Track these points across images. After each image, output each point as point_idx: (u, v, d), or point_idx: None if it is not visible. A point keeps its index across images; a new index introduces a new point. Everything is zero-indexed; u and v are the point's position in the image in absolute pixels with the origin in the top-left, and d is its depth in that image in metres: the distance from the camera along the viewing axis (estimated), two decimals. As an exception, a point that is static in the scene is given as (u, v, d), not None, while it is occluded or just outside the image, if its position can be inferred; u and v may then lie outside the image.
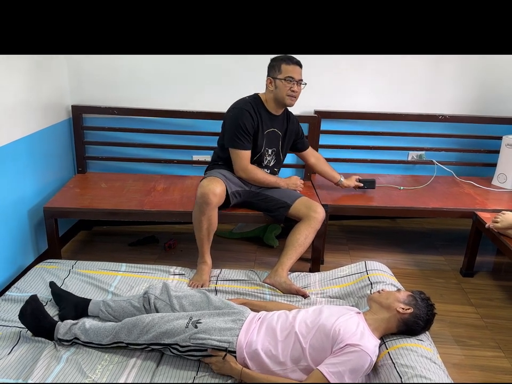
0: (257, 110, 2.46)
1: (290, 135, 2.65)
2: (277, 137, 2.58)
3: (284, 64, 2.37)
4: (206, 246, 2.38)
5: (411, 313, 1.70)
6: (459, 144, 3.36)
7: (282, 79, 2.38)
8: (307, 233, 2.40)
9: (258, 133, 2.48)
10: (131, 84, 3.08)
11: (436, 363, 1.63)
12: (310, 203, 2.49)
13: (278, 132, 2.57)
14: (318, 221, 2.43)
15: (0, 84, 2.31)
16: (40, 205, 2.64)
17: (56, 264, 2.32)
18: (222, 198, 2.35)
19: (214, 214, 2.32)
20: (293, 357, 1.63)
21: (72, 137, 3.12)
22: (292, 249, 2.37)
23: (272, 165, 2.63)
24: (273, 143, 2.57)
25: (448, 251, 3.13)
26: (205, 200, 2.26)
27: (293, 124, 2.65)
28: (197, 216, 2.32)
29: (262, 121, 2.48)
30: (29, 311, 1.80)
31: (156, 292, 1.92)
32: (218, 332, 1.69)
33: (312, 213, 2.42)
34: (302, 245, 2.39)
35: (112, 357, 1.73)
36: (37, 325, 1.80)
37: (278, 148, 2.61)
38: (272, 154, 2.60)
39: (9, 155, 2.40)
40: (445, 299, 2.56)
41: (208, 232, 2.35)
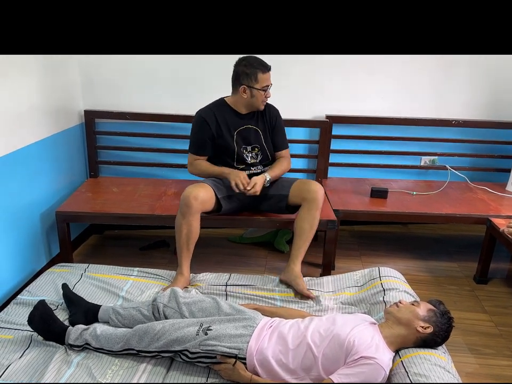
0: (218, 113, 2.43)
1: (271, 129, 2.56)
2: (255, 133, 2.50)
3: (260, 73, 2.31)
4: (185, 255, 2.31)
5: (430, 332, 1.66)
6: (472, 149, 3.32)
7: (260, 89, 2.34)
8: (310, 218, 2.35)
9: (223, 135, 2.43)
10: (143, 88, 3.09)
11: (450, 372, 1.60)
12: (303, 185, 2.42)
13: (254, 128, 2.50)
14: (317, 199, 2.35)
15: (14, 89, 2.33)
16: (53, 209, 2.66)
17: (69, 268, 2.33)
18: (205, 204, 2.30)
19: (195, 219, 2.27)
20: (304, 365, 1.61)
21: (85, 142, 3.14)
22: (299, 239, 2.35)
23: (259, 160, 2.55)
24: (252, 140, 2.50)
25: (461, 257, 3.09)
26: (185, 202, 2.23)
27: (270, 116, 2.55)
28: (178, 220, 2.30)
29: (227, 122, 2.44)
30: (37, 316, 1.81)
31: (164, 299, 1.89)
32: (228, 338, 1.67)
33: (307, 194, 2.36)
34: (308, 231, 2.35)
35: (123, 362, 1.73)
36: (47, 329, 1.80)
37: (262, 143, 2.53)
38: (255, 151, 2.52)
39: (22, 159, 2.42)
40: (459, 306, 2.53)
41: (187, 239, 2.29)
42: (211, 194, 2.35)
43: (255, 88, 2.34)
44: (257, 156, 2.53)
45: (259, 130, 2.51)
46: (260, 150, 2.53)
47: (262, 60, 2.33)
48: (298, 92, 3.13)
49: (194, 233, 2.30)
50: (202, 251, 3.06)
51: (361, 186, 3.15)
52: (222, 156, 2.50)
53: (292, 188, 2.45)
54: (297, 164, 3.24)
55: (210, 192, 2.35)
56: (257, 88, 2.33)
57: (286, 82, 3.07)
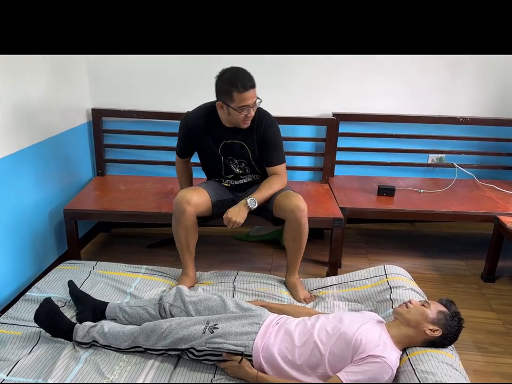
0: (206, 121, 2.26)
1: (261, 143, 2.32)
2: (240, 148, 2.31)
3: (236, 92, 2.05)
4: (187, 257, 2.28)
5: (439, 335, 1.65)
6: (480, 147, 3.30)
7: (235, 108, 2.10)
8: (294, 234, 2.23)
9: (209, 145, 2.30)
10: (150, 87, 3.10)
11: (457, 370, 1.59)
12: (282, 204, 2.23)
13: (239, 143, 2.30)
14: (297, 218, 2.17)
15: (23, 88, 2.35)
16: (60, 207, 2.68)
17: (77, 265, 2.35)
18: (199, 208, 2.23)
19: (191, 223, 2.21)
20: (311, 363, 1.62)
21: (92, 140, 3.16)
22: (289, 254, 2.31)
23: (248, 172, 2.42)
24: (236, 154, 2.33)
25: (468, 256, 3.08)
26: (178, 208, 2.18)
27: (259, 131, 2.28)
28: (174, 226, 2.25)
29: (213, 132, 2.28)
30: (43, 314, 1.82)
31: (170, 299, 1.89)
32: (234, 336, 1.68)
33: (287, 214, 2.21)
34: (295, 247, 2.27)
35: (130, 358, 1.74)
36: (54, 327, 1.82)
37: (248, 158, 2.34)
38: (242, 165, 2.38)
39: (30, 157, 2.44)
40: (466, 304, 2.52)
41: (187, 242, 2.25)
42: (205, 198, 2.27)
43: (230, 106, 2.11)
44: (246, 168, 2.40)
45: (245, 145, 2.31)
46: (247, 165, 2.38)
47: (244, 75, 2.08)
48: (305, 90, 3.13)
49: (193, 236, 2.26)
50: (209, 249, 3.07)
51: (368, 184, 3.14)
52: (210, 164, 2.43)
53: (273, 204, 2.29)
54: (303, 162, 3.23)
55: (204, 195, 2.28)
56: (233, 108, 2.10)
57: (293, 80, 3.08)
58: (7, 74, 2.21)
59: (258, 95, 2.57)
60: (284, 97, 3.06)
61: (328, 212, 2.68)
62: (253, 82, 2.10)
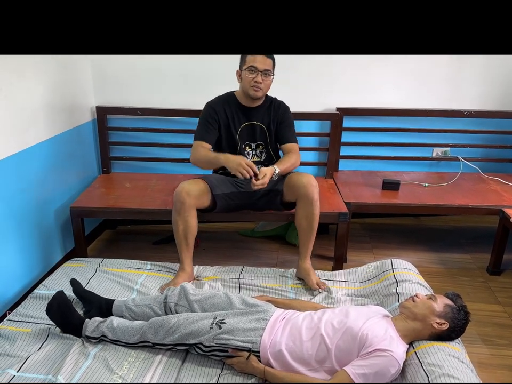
0: (227, 105, 2.41)
1: (278, 125, 2.48)
2: (260, 130, 2.45)
3: (249, 55, 2.27)
4: (185, 251, 2.28)
5: (446, 328, 1.65)
6: (485, 140, 3.29)
7: (245, 69, 2.28)
8: (306, 215, 2.27)
9: (229, 128, 2.41)
10: (154, 84, 3.11)
11: (463, 362, 1.60)
12: (294, 181, 2.31)
13: (259, 124, 2.44)
14: (308, 194, 2.24)
15: (28, 86, 2.36)
16: (67, 205, 2.70)
17: (84, 262, 2.36)
18: (199, 199, 2.26)
19: (191, 215, 2.23)
20: (318, 357, 1.63)
21: (97, 138, 3.17)
22: (302, 237, 2.33)
23: (263, 160, 2.50)
24: (255, 137, 2.46)
25: (474, 249, 3.07)
26: (178, 198, 2.20)
27: (277, 113, 2.47)
28: (173, 217, 2.26)
29: (234, 116, 2.41)
30: (55, 306, 1.83)
31: (174, 298, 1.89)
32: (242, 332, 1.69)
33: (298, 190, 2.27)
34: (308, 228, 2.29)
35: (139, 354, 1.75)
36: (64, 320, 1.83)
37: (266, 140, 2.48)
38: (259, 149, 2.48)
39: (36, 156, 2.45)
40: (472, 298, 2.52)
41: (184, 234, 2.25)
42: (205, 190, 2.29)
43: (243, 69, 2.31)
44: (262, 154, 2.49)
45: (264, 128, 2.46)
46: (264, 148, 2.49)
47: None
48: (309, 84, 3.13)
49: (192, 228, 2.26)
50: (215, 245, 3.08)
51: (372, 179, 3.14)
52: (224, 150, 2.44)
53: (284, 184, 2.35)
54: (308, 157, 3.23)
55: (205, 188, 2.29)
56: (243, 69, 2.29)
57: (296, 75, 3.08)
58: (13, 74, 2.23)
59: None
60: (288, 92, 3.04)
61: (333, 206, 2.69)
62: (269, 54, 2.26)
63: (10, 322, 1.93)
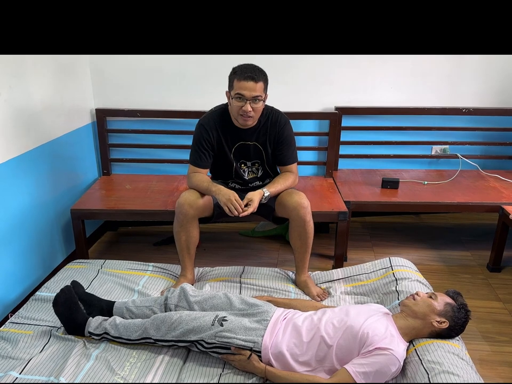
0: (219, 125, 2.24)
1: (275, 143, 2.31)
2: (254, 150, 2.31)
3: (236, 79, 2.07)
4: (187, 259, 2.27)
5: (446, 327, 1.66)
6: (484, 137, 3.29)
7: (233, 96, 2.10)
8: (299, 234, 2.24)
9: (223, 148, 2.28)
10: (153, 86, 3.12)
11: (463, 359, 1.61)
12: (285, 201, 2.23)
13: (253, 143, 2.29)
14: (300, 215, 2.17)
15: (28, 90, 2.37)
16: (67, 207, 2.71)
17: (85, 264, 2.37)
18: (201, 210, 2.22)
19: (193, 226, 2.22)
20: (318, 357, 1.63)
21: (97, 140, 3.18)
22: (296, 254, 2.29)
23: (260, 176, 2.41)
24: (250, 156, 2.33)
25: (474, 246, 3.08)
26: (180, 210, 2.18)
27: (274, 130, 2.28)
28: (176, 228, 2.25)
29: (227, 136, 2.26)
30: (62, 299, 1.84)
31: (174, 300, 1.90)
32: (243, 331, 1.70)
33: (290, 212, 2.21)
34: (302, 246, 2.26)
35: (140, 354, 1.76)
36: (69, 316, 1.84)
37: (263, 158, 2.33)
38: (255, 166, 2.37)
39: (36, 159, 2.46)
40: (472, 295, 2.53)
41: (187, 244, 2.25)
42: (208, 200, 2.26)
43: (230, 95, 2.13)
44: (258, 170, 2.39)
45: (259, 146, 2.30)
46: (261, 165, 2.37)
47: (249, 67, 2.09)
48: (307, 84, 3.13)
49: (194, 238, 2.26)
50: (215, 245, 3.09)
51: (372, 177, 3.15)
52: (220, 169, 2.40)
53: (276, 202, 2.29)
54: (307, 157, 3.24)
55: (207, 197, 2.25)
56: (231, 96, 2.12)
57: (294, 75, 3.08)
58: (12, 77, 2.24)
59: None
60: (286, 92, 3.06)
61: (332, 205, 2.69)
62: (255, 75, 2.06)
63: (12, 324, 1.94)
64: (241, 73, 2.06)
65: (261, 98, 2.11)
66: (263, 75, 2.11)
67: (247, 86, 2.05)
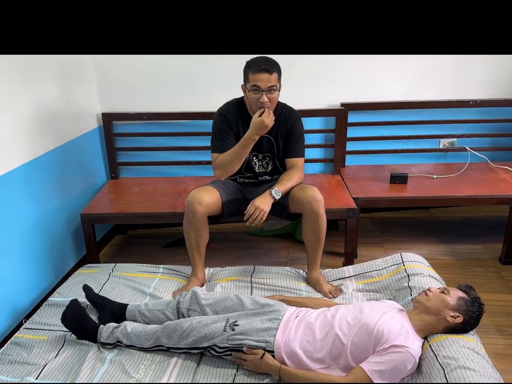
0: (237, 114, 2.30)
1: (286, 136, 2.36)
2: (267, 142, 2.35)
3: (250, 72, 2.13)
4: (197, 258, 2.28)
5: (460, 321, 1.65)
6: (492, 129, 3.27)
7: (249, 89, 2.16)
8: (312, 229, 2.24)
9: (240, 138, 2.27)
10: (157, 88, 3.12)
11: (479, 354, 1.59)
12: (298, 196, 2.25)
13: (267, 136, 2.31)
14: (313, 210, 2.18)
15: (34, 96, 2.39)
16: (77, 212, 2.72)
17: (96, 268, 2.39)
18: (210, 208, 2.23)
19: (202, 224, 2.22)
20: (333, 354, 1.63)
21: (104, 144, 3.19)
22: (309, 249, 2.30)
23: (270, 171, 2.44)
24: (262, 149, 2.36)
25: (485, 239, 3.06)
26: (190, 208, 2.18)
27: (287, 123, 2.34)
28: (185, 226, 2.26)
29: (244, 126, 2.28)
30: (70, 315, 1.85)
31: (186, 304, 1.91)
32: (255, 332, 1.69)
33: (303, 207, 2.22)
34: (315, 241, 2.26)
35: (154, 357, 1.77)
36: (80, 328, 1.85)
37: (274, 152, 2.38)
38: (265, 160, 2.41)
39: (45, 165, 2.48)
40: (485, 288, 2.51)
41: (197, 242, 2.26)
42: (216, 197, 2.27)
43: (247, 88, 2.19)
44: (268, 165, 2.42)
45: (272, 139, 2.35)
46: (271, 159, 2.41)
47: (262, 59, 2.15)
48: (312, 81, 3.12)
49: (204, 237, 2.27)
50: (225, 246, 3.09)
51: (380, 173, 3.13)
52: None
53: (289, 197, 2.30)
54: (314, 154, 3.24)
55: (216, 195, 2.27)
56: (248, 89, 2.18)
57: (299, 72, 3.07)
58: (18, 86, 2.25)
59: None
60: (291, 90, 3.03)
61: (341, 202, 2.69)
62: (270, 66, 2.12)
63: (26, 330, 1.95)
64: (255, 66, 2.13)
65: (276, 88, 2.17)
66: (276, 66, 2.17)
67: (262, 78, 2.12)
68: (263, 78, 2.12)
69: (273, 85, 2.14)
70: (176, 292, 2.19)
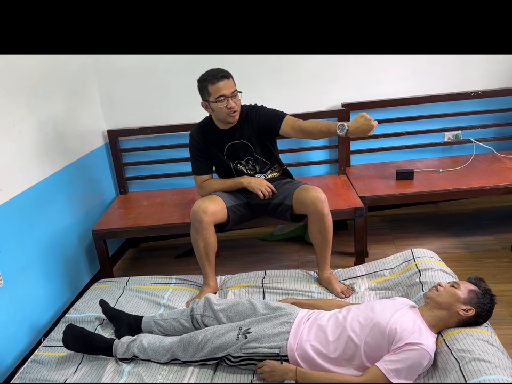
0: (205, 133, 2.39)
1: (260, 134, 2.38)
2: (243, 147, 2.39)
3: (210, 85, 2.18)
4: (207, 266, 2.30)
5: (473, 314, 1.64)
6: (496, 119, 3.25)
7: (214, 101, 2.21)
8: (319, 229, 2.25)
9: (214, 153, 2.41)
10: (160, 102, 3.16)
11: (493, 345, 1.58)
12: (302, 197, 2.26)
13: (242, 142, 2.38)
14: (318, 211, 2.20)
15: (39, 118, 2.44)
16: (89, 228, 2.76)
17: (111, 283, 2.42)
18: (216, 216, 2.27)
19: (209, 232, 2.25)
20: (346, 355, 1.63)
21: (111, 161, 3.24)
22: (318, 249, 2.31)
23: (259, 170, 2.47)
24: (241, 155, 2.42)
25: (496, 229, 3.04)
26: (195, 217, 2.22)
27: (253, 121, 2.36)
28: (193, 235, 2.29)
29: (215, 141, 2.39)
30: (70, 341, 1.87)
31: (200, 310, 1.92)
32: (268, 338, 1.70)
33: (308, 208, 2.24)
34: (323, 241, 2.27)
35: (171, 367, 1.79)
36: (88, 347, 1.87)
37: (253, 154, 2.41)
38: (250, 163, 2.45)
39: (54, 185, 2.53)
40: (498, 279, 2.49)
41: (206, 251, 2.28)
42: (221, 204, 2.31)
43: (210, 101, 2.23)
44: (254, 166, 2.45)
45: (246, 142, 2.39)
46: (255, 161, 2.44)
47: (218, 70, 2.21)
48: (312, 83, 3.14)
49: (212, 245, 2.29)
50: (235, 252, 3.11)
51: (385, 170, 3.13)
52: (222, 172, 2.51)
53: (293, 198, 2.32)
54: (318, 156, 3.25)
55: (220, 202, 2.31)
56: (212, 101, 2.22)
57: (299, 75, 3.09)
58: (23, 109, 2.30)
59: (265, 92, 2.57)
60: (292, 93, 3.07)
61: (348, 202, 2.69)
62: (225, 73, 2.20)
63: (45, 348, 1.99)
64: (212, 77, 2.20)
65: (237, 91, 2.25)
66: (228, 72, 2.24)
67: (223, 85, 2.19)
68: (225, 85, 2.19)
69: (234, 89, 2.23)
70: (190, 301, 2.21)
